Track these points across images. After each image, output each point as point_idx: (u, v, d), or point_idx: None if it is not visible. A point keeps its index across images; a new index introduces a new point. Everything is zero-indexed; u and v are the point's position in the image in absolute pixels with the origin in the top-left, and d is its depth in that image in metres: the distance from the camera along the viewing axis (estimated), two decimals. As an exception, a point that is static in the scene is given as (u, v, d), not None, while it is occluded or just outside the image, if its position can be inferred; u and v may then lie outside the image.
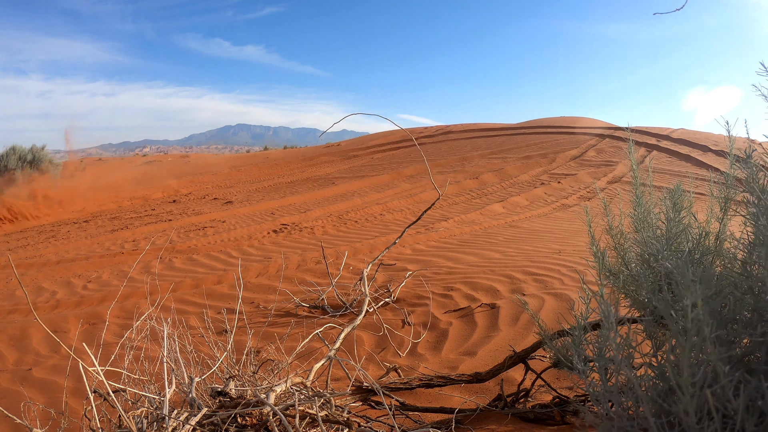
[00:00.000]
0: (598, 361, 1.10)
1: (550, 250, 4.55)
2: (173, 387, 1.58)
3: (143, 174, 16.83)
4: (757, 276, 1.04)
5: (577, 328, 1.24)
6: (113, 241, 7.37)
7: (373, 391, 1.78)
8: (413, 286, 3.67)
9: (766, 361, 0.98)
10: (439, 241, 5.81)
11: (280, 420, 1.40)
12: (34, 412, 2.07)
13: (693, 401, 0.90)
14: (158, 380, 1.80)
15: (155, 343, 2.58)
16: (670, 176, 10.25)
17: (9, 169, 12.87)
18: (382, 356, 2.62)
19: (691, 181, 2.05)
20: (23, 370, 2.83)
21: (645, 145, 13.43)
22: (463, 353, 2.54)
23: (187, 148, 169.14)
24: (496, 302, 3.06)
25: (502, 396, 1.87)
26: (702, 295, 0.90)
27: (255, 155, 23.78)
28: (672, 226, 1.45)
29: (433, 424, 1.79)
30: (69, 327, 3.53)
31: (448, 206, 8.71)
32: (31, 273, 5.73)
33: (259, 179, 14.71)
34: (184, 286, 4.44)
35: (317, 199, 10.58)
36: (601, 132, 15.94)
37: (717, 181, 1.64)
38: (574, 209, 7.84)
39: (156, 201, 11.84)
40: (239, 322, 3.22)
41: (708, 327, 0.91)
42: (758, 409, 0.92)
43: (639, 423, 1.01)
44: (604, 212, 1.78)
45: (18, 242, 8.06)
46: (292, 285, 4.08)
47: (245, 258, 5.58)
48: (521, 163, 12.76)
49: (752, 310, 1.04)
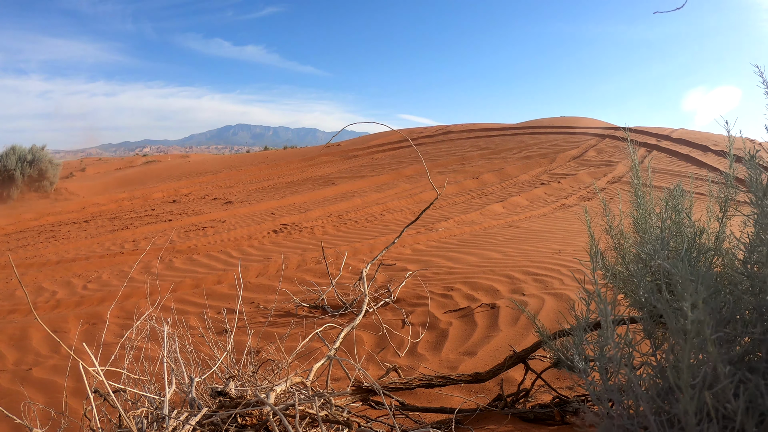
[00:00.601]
0: (598, 360, 1.10)
1: (550, 250, 4.55)
2: (173, 387, 1.58)
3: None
4: (758, 275, 1.04)
5: (577, 328, 1.24)
6: (113, 241, 7.37)
7: (373, 391, 1.78)
8: (413, 286, 3.67)
9: (766, 359, 0.98)
10: (439, 241, 5.81)
11: (280, 420, 1.40)
12: (34, 412, 2.07)
13: (693, 402, 0.90)
14: (158, 380, 1.80)
15: (155, 343, 2.58)
16: (670, 176, 10.25)
17: (8, 169, 12.87)
18: (382, 356, 2.62)
19: (691, 181, 2.05)
20: (23, 370, 2.83)
21: (645, 145, 13.44)
22: (463, 353, 2.54)
23: (187, 148, 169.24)
24: (496, 302, 3.06)
25: (502, 396, 1.87)
26: (702, 295, 0.90)
27: (255, 155, 23.78)
28: (669, 226, 1.45)
29: (433, 424, 1.79)
30: (69, 327, 3.53)
31: (448, 206, 8.71)
32: (31, 273, 5.73)
33: (259, 179, 14.71)
34: (184, 286, 4.44)
35: (317, 199, 10.58)
36: (601, 132, 15.94)
37: (717, 181, 1.64)
38: (574, 209, 7.84)
39: (156, 201, 11.84)
40: (239, 322, 3.22)
41: (708, 328, 0.91)
42: (758, 410, 0.92)
43: (639, 421, 1.01)
44: (604, 212, 1.78)
45: (18, 242, 8.06)
46: (292, 285, 4.08)
47: (245, 258, 5.58)
48: (521, 163, 12.77)
49: (753, 309, 1.04)
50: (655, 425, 0.95)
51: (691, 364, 0.92)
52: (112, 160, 31.50)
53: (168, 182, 15.09)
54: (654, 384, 1.04)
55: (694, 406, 0.89)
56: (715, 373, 0.92)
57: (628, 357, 1.09)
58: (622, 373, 1.04)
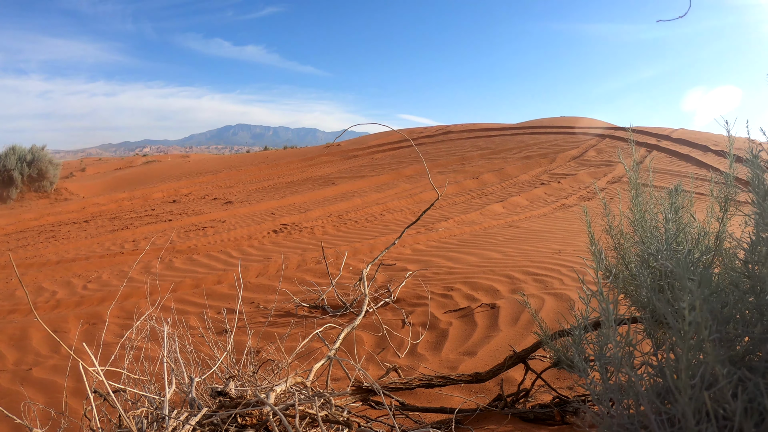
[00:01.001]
0: (598, 359, 1.10)
1: (550, 250, 4.55)
2: (173, 387, 1.58)
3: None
4: (759, 275, 1.04)
5: (577, 327, 1.24)
6: (113, 241, 7.37)
7: (373, 391, 1.78)
8: (413, 286, 3.67)
9: (766, 359, 0.98)
10: (439, 241, 5.81)
11: (280, 420, 1.40)
12: (34, 412, 2.07)
13: (691, 403, 0.90)
14: (158, 380, 1.80)
15: (155, 343, 2.58)
16: (670, 176, 10.25)
17: (8, 169, 12.86)
18: (382, 356, 2.61)
19: (692, 181, 2.05)
20: (23, 370, 2.83)
21: (645, 145, 13.44)
22: (463, 353, 2.53)
23: (186, 148, 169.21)
24: (496, 302, 3.06)
25: (502, 396, 1.87)
26: (701, 296, 0.90)
27: (255, 155, 23.78)
28: (671, 226, 1.45)
29: (433, 424, 1.79)
30: (69, 327, 3.53)
31: (448, 206, 8.71)
32: (31, 273, 5.73)
33: (259, 179, 14.71)
34: (184, 286, 4.44)
35: (317, 199, 10.58)
36: (601, 132, 15.95)
37: (717, 181, 1.64)
38: (574, 209, 7.84)
39: (156, 201, 11.83)
40: (239, 322, 3.22)
41: (707, 329, 0.91)
42: (757, 411, 0.92)
43: (639, 420, 1.01)
44: (604, 212, 1.78)
45: (18, 242, 8.05)
46: (292, 285, 4.08)
47: (245, 258, 5.58)
48: (521, 163, 12.77)
49: (753, 309, 1.04)
50: (656, 425, 0.95)
51: (691, 365, 0.92)
52: (112, 160, 31.50)
53: (168, 182, 15.09)
54: (654, 383, 1.04)
55: (692, 407, 0.89)
56: (714, 373, 0.92)
57: (628, 356, 1.09)
58: (623, 373, 1.04)
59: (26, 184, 13.58)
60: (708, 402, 0.89)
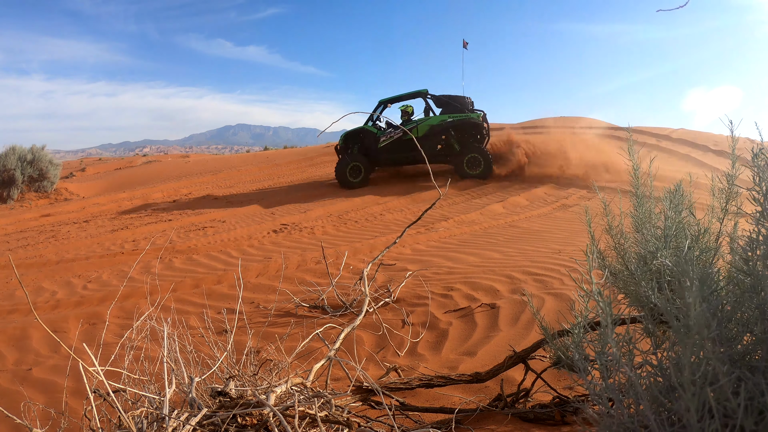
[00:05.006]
0: (598, 358, 1.10)
1: (550, 250, 4.55)
2: (173, 387, 1.58)
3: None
4: (761, 274, 1.04)
5: (577, 326, 1.24)
6: (113, 241, 7.37)
7: (373, 391, 1.78)
8: (413, 286, 3.67)
9: (766, 358, 0.98)
10: (439, 241, 5.80)
11: (280, 420, 1.40)
12: (34, 412, 2.07)
13: (694, 399, 0.90)
14: (158, 380, 1.80)
15: (155, 343, 2.58)
16: (670, 176, 10.25)
17: (8, 169, 12.86)
18: (382, 356, 2.61)
19: (691, 181, 2.05)
20: (23, 370, 2.83)
21: (645, 145, 13.43)
22: (463, 353, 2.53)
23: (187, 147, 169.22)
24: (496, 302, 3.06)
25: (502, 396, 1.87)
26: (703, 293, 0.90)
27: (255, 155, 23.77)
28: (671, 225, 1.45)
29: (433, 424, 1.79)
30: (69, 327, 3.53)
31: (448, 206, 8.71)
32: (31, 273, 5.72)
33: (259, 179, 14.70)
34: (184, 286, 4.44)
35: (317, 199, 10.57)
36: (602, 132, 15.93)
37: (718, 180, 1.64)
38: (574, 209, 7.84)
39: (156, 201, 11.82)
40: (239, 322, 3.22)
41: (708, 328, 0.91)
42: (757, 408, 0.92)
43: (639, 420, 1.01)
44: (604, 212, 1.78)
45: (18, 242, 8.05)
46: (292, 285, 4.08)
47: (245, 258, 5.58)
48: (521, 163, 12.73)
49: (754, 307, 1.04)
50: (656, 424, 0.95)
51: (692, 362, 0.92)
52: (112, 160, 31.48)
53: (168, 182, 15.08)
54: (655, 382, 1.04)
55: (695, 403, 0.89)
56: (715, 370, 0.92)
57: (628, 355, 1.09)
58: (623, 372, 1.04)
59: (26, 184, 13.58)
60: (711, 398, 0.89)
